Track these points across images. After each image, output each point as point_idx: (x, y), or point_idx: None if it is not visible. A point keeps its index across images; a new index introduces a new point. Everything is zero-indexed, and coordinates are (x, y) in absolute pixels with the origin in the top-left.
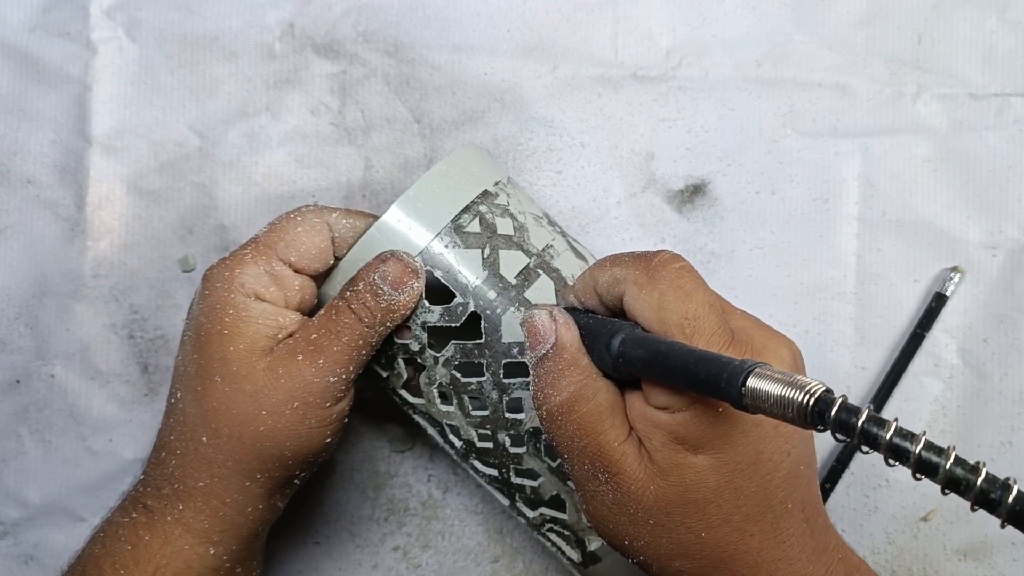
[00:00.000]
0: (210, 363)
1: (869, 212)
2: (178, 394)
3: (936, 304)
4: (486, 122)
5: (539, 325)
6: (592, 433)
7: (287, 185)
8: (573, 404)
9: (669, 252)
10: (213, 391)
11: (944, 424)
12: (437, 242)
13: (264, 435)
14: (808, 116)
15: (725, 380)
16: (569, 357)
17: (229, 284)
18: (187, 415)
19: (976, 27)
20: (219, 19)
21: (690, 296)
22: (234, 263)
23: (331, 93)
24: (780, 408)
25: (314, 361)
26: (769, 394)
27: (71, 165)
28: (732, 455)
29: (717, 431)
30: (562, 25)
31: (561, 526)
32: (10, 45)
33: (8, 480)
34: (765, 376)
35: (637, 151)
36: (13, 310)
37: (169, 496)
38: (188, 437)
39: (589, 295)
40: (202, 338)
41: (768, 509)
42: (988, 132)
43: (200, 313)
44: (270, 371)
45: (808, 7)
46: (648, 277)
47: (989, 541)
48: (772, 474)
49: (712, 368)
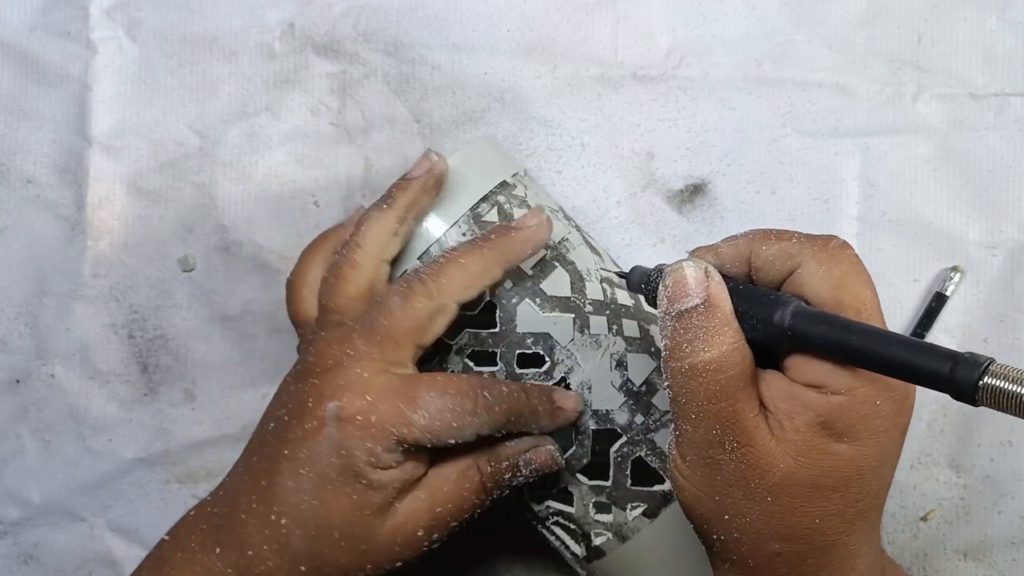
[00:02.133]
0: (330, 519)
1: (869, 212)
2: (283, 520)
3: (936, 304)
4: (486, 122)
5: (689, 278)
6: (731, 398)
7: (287, 185)
8: (721, 364)
9: (841, 238)
10: (327, 542)
11: (944, 424)
12: (455, 230)
13: None
14: (808, 116)
15: (955, 373)
16: (723, 316)
17: (374, 450)
18: (290, 543)
19: (976, 27)
20: (219, 19)
21: (867, 284)
22: (386, 426)
23: (331, 93)
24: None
25: (430, 535)
26: (1014, 393)
27: (71, 165)
28: (870, 450)
29: (868, 424)
30: (562, 25)
31: (567, 519)
32: (10, 45)
33: (8, 480)
34: (1002, 375)
35: (637, 151)
36: (13, 310)
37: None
38: (287, 560)
39: (739, 263)
40: (329, 490)
41: (874, 509)
42: (988, 132)
43: (331, 467)
44: (389, 539)
45: (808, 7)
46: (828, 256)
47: (989, 541)
48: (886, 476)
49: (930, 357)
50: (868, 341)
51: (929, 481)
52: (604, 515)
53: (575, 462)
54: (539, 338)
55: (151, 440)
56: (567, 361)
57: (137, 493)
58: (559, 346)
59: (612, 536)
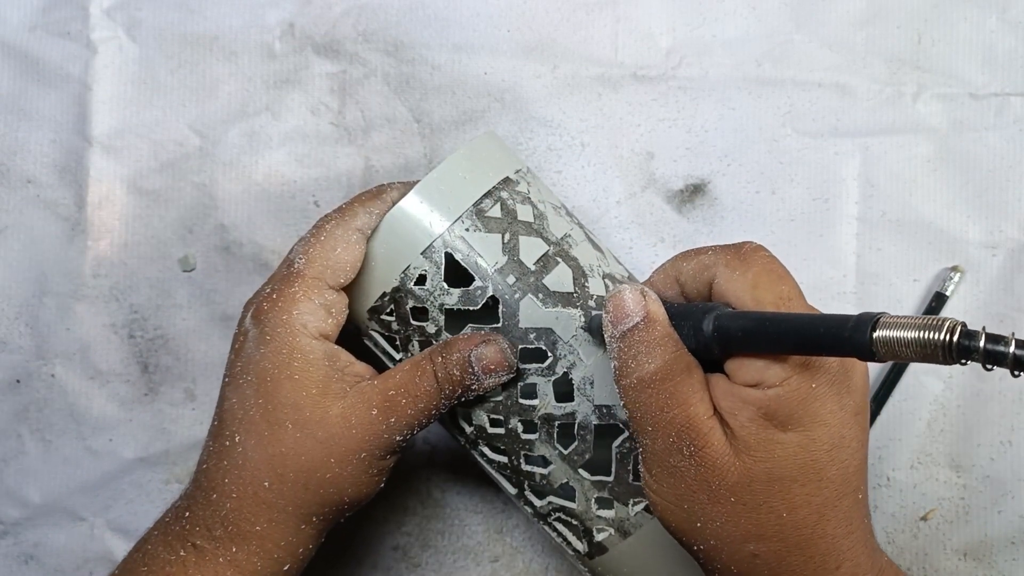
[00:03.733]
0: (279, 408)
1: (869, 212)
2: (236, 438)
3: (936, 304)
4: (486, 122)
5: (627, 300)
6: (683, 404)
7: (287, 185)
8: (667, 373)
9: (754, 242)
10: (282, 436)
11: (944, 423)
12: (459, 225)
13: (329, 481)
14: (808, 116)
15: (850, 331)
16: (662, 330)
17: (291, 327)
18: (247, 459)
19: (976, 27)
20: (219, 19)
21: (783, 279)
22: (288, 303)
23: (331, 93)
24: (920, 349)
25: (387, 418)
26: (904, 338)
27: (71, 165)
28: (819, 435)
29: (808, 409)
30: (562, 25)
31: (569, 515)
32: (10, 45)
33: (8, 480)
34: (891, 324)
35: (637, 151)
36: (13, 310)
37: (222, 538)
38: (247, 481)
39: (670, 285)
40: (268, 383)
41: (845, 496)
42: (988, 132)
43: (263, 358)
44: (343, 419)
45: (808, 7)
46: (741, 261)
47: (989, 541)
48: (849, 460)
49: (831, 324)
50: (779, 325)
51: (929, 481)
52: (606, 510)
53: (577, 457)
54: (541, 333)
55: (151, 440)
56: (569, 356)
57: (137, 493)
58: (561, 341)
59: (614, 532)
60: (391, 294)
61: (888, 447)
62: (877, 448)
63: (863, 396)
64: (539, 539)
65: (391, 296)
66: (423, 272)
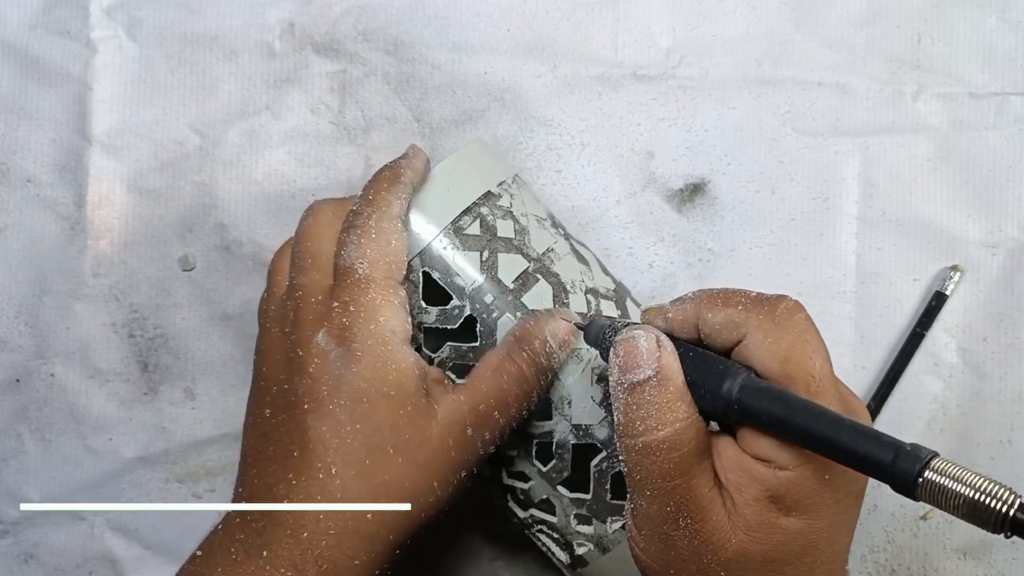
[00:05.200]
0: (378, 432)
1: (869, 211)
2: (332, 469)
3: (936, 303)
4: (486, 121)
5: (641, 348)
6: (687, 475)
7: (287, 184)
8: (675, 442)
9: (792, 299)
10: (384, 464)
11: (943, 423)
12: (436, 243)
13: (431, 505)
14: (808, 115)
15: (895, 464)
16: (675, 391)
17: (381, 338)
18: (347, 492)
19: (976, 27)
20: (219, 18)
21: (817, 353)
22: (371, 312)
23: (331, 92)
24: (970, 509)
25: (481, 435)
26: (955, 491)
27: (71, 164)
28: (822, 523)
29: (817, 498)
30: (562, 24)
31: (550, 528)
32: (10, 44)
33: (8, 479)
34: (945, 472)
35: (637, 150)
36: (13, 309)
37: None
38: (348, 516)
39: (688, 328)
40: (365, 404)
41: (833, 572)
42: (988, 131)
43: (356, 377)
44: (441, 442)
45: (808, 7)
46: (775, 325)
47: (988, 540)
48: (843, 539)
49: (871, 444)
50: (812, 422)
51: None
52: (585, 527)
53: (556, 475)
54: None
55: (151, 439)
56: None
57: (137, 492)
58: None
59: (593, 547)
60: None
61: None
62: None
63: (866, 480)
64: None
65: None
66: None
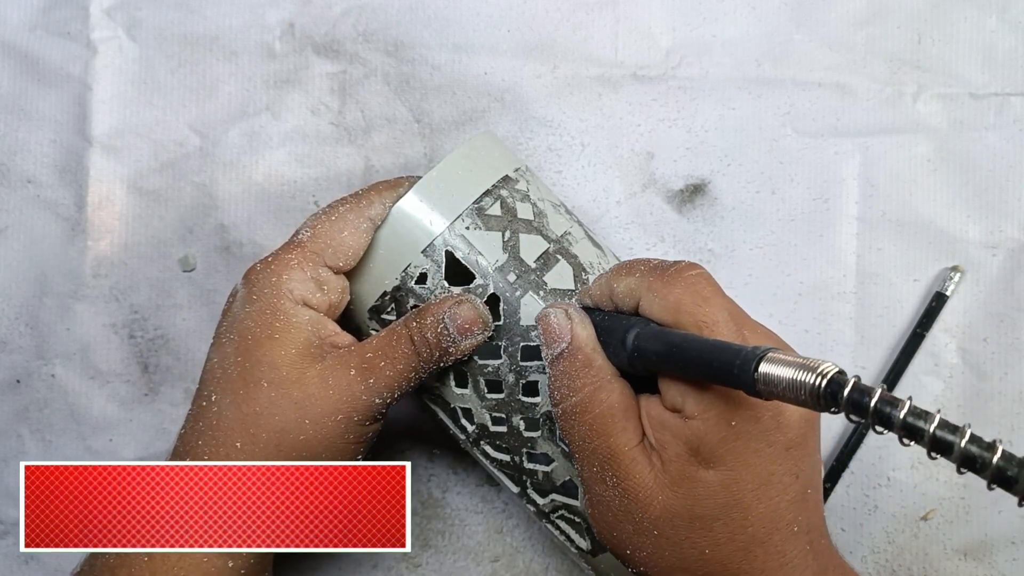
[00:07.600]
0: (257, 367)
1: (869, 212)
2: (212, 396)
3: (936, 304)
4: (486, 122)
5: (554, 323)
6: (603, 435)
7: (287, 184)
8: (587, 405)
9: (686, 261)
10: (257, 395)
11: None
12: (459, 223)
13: (302, 444)
14: (808, 116)
15: (738, 367)
16: (583, 357)
17: (277, 290)
18: (222, 419)
19: (976, 27)
20: (219, 19)
21: (707, 301)
22: (280, 267)
23: (331, 93)
24: (793, 391)
25: (365, 379)
26: (781, 378)
27: (71, 165)
28: (743, 474)
29: (730, 448)
30: (562, 25)
31: (572, 512)
32: (10, 45)
33: (8, 480)
34: (777, 360)
35: (637, 151)
36: (13, 310)
37: None
38: (220, 442)
39: (605, 301)
40: (249, 341)
41: (775, 531)
42: (988, 132)
43: (246, 316)
44: (320, 379)
45: (808, 7)
46: (663, 283)
47: (989, 541)
48: (781, 496)
49: (726, 355)
50: (685, 351)
51: (929, 481)
52: None
53: None
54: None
55: (151, 440)
56: None
57: None
58: None
59: (610, 549)
60: (392, 293)
61: (888, 447)
62: (877, 448)
63: (799, 429)
64: (539, 539)
65: (392, 295)
66: (424, 271)
